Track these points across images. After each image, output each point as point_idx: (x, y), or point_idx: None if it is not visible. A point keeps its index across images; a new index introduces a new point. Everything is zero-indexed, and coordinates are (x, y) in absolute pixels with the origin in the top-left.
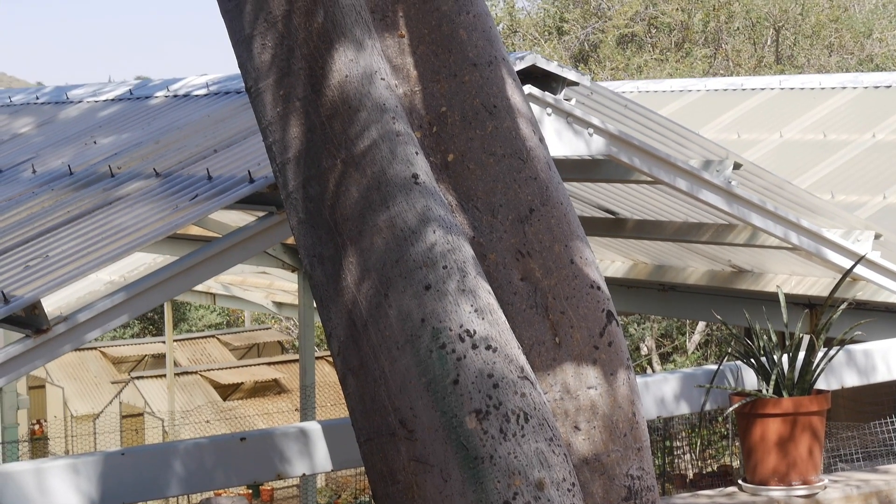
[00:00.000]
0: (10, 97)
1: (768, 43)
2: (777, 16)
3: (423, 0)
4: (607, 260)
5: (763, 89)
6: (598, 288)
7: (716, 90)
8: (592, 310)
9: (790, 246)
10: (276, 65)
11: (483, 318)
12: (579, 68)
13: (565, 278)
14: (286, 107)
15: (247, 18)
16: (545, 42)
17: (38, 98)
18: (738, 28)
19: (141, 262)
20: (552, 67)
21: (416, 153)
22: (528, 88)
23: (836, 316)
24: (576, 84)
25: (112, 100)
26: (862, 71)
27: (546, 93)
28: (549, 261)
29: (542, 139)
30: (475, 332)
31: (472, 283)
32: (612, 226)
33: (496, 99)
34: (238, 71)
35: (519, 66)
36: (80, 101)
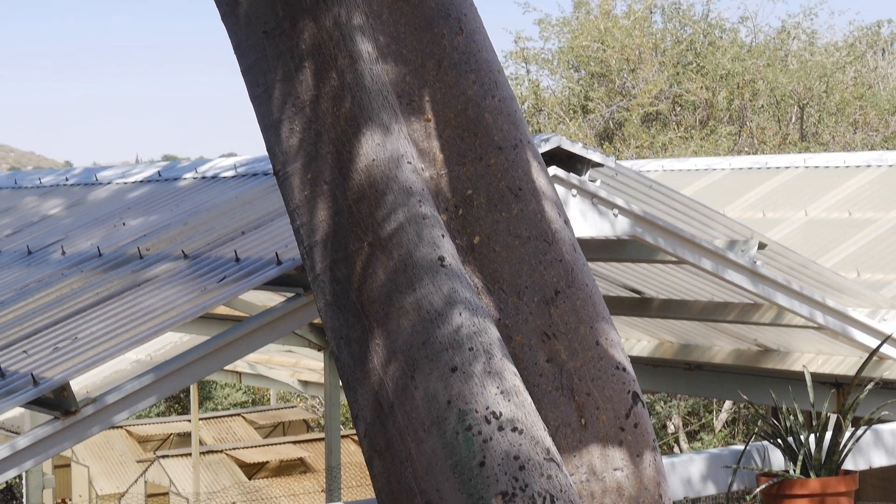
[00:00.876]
0: (40, 179)
1: (793, 120)
2: (801, 93)
3: (450, 85)
4: (633, 339)
5: (788, 168)
6: (624, 369)
7: (740, 169)
8: (618, 391)
9: (816, 325)
10: (303, 149)
11: (509, 400)
12: (604, 147)
13: (591, 360)
14: (314, 190)
15: (275, 103)
16: (570, 120)
17: (67, 179)
18: (762, 106)
19: (168, 341)
20: (577, 149)
21: (443, 236)
22: (553, 170)
23: (863, 395)
24: (601, 165)
25: (141, 181)
26: (888, 148)
27: (571, 174)
28: (574, 342)
29: (567, 221)
30: (501, 413)
31: (498, 364)
32: (637, 305)
33: (521, 182)
34: (265, 153)
35: (544, 148)
36: (109, 183)
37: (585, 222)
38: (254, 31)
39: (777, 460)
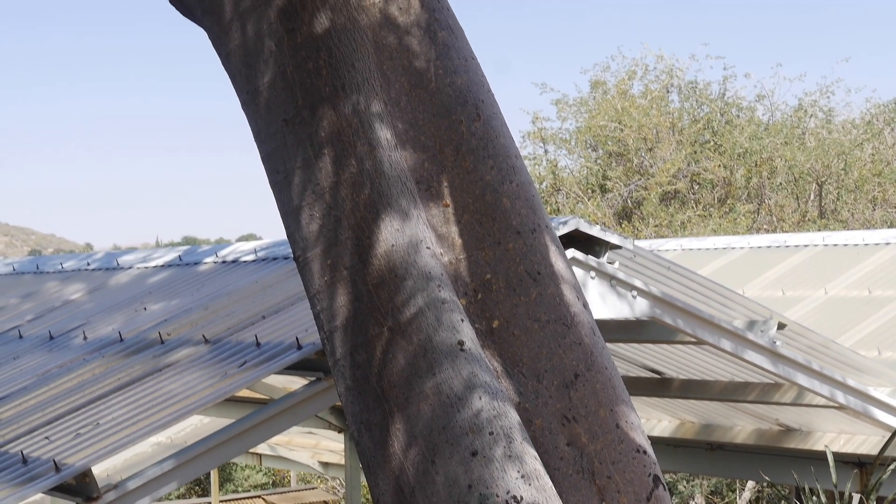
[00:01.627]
0: (61, 263)
1: (811, 198)
2: (820, 171)
3: (468, 170)
4: (654, 419)
5: (807, 246)
6: (645, 452)
7: (759, 247)
8: (639, 474)
9: (837, 405)
10: (323, 235)
11: (530, 484)
12: (623, 226)
13: (611, 443)
14: (333, 276)
15: (295, 190)
16: (588, 200)
17: (88, 264)
18: (780, 183)
19: (189, 423)
20: (595, 231)
21: (462, 320)
22: (571, 253)
23: (886, 475)
24: (619, 247)
25: (162, 266)
26: None
27: (590, 256)
28: (594, 426)
29: (585, 304)
30: (522, 497)
31: (518, 448)
32: (657, 385)
33: (540, 266)
34: (285, 236)
35: (562, 231)
36: (130, 268)
37: (604, 304)
38: (274, 118)
39: None
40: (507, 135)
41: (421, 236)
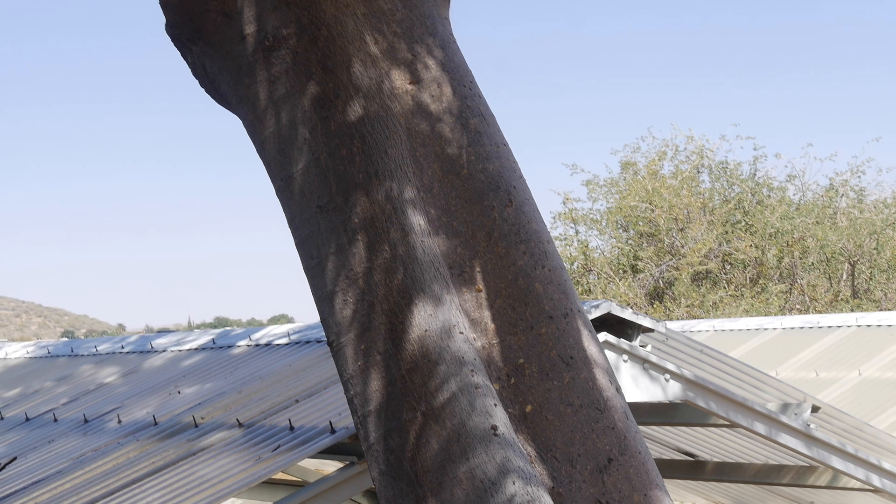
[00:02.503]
0: (95, 346)
1: (844, 277)
2: (852, 251)
3: (500, 255)
4: (688, 502)
5: (840, 327)
6: None
7: (792, 328)
8: None
9: (873, 488)
10: (357, 320)
11: None
12: (654, 306)
13: None
14: (367, 361)
15: (328, 275)
16: (620, 280)
17: (122, 347)
18: (812, 263)
19: None
20: (627, 315)
21: (495, 405)
22: (603, 336)
23: None
24: (651, 330)
25: (195, 349)
26: None
27: (622, 339)
28: None
29: (618, 388)
30: None
31: None
32: (691, 468)
33: (572, 350)
34: (318, 319)
35: (594, 315)
36: (163, 351)
37: (637, 387)
38: (307, 205)
39: None
40: (539, 220)
41: (454, 321)
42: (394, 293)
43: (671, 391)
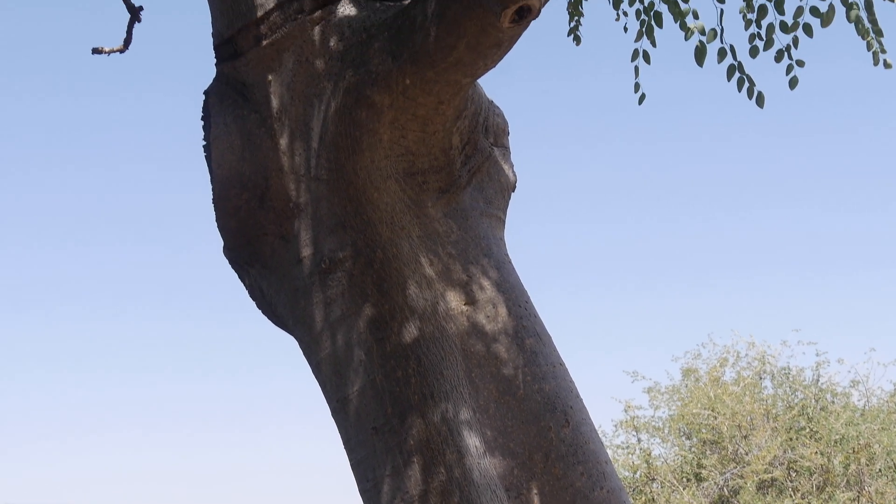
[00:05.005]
0: None
1: None
2: None
3: (557, 477)
4: None
5: None
6: None
7: None
8: None
9: None
10: None
11: None
12: None
13: None
14: None
15: (384, 498)
16: (684, 489)
17: None
18: (880, 470)
19: None
20: None
21: None
22: None
23: None
24: None
25: None
26: None
27: None
28: None
29: None
30: None
31: None
32: None
33: None
34: None
35: None
36: None
37: None
38: (363, 427)
39: None
40: (597, 440)
41: None
42: None
43: None
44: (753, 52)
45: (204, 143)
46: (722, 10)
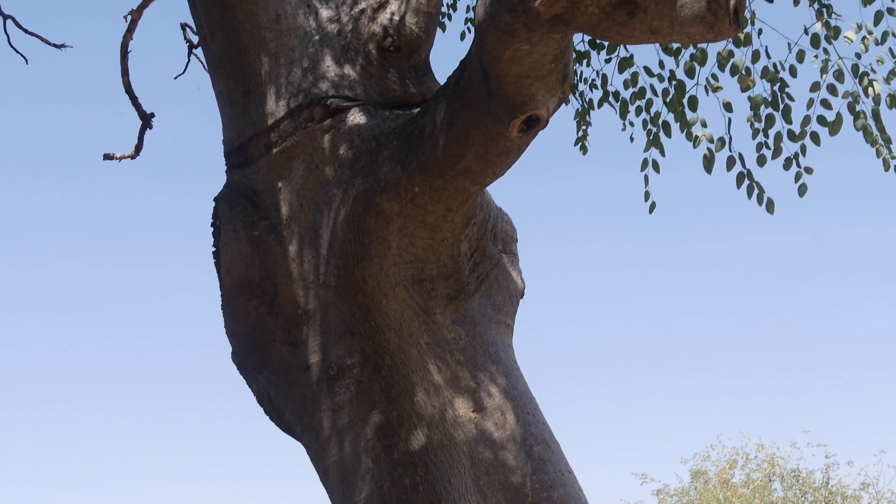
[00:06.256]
0: None
1: None
2: None
3: None
4: None
5: None
6: None
7: None
8: None
9: None
10: None
11: None
12: None
13: None
14: None
15: None
16: None
17: None
18: None
19: None
20: None
21: None
22: None
23: None
24: None
25: None
26: None
27: None
28: None
29: None
30: None
31: None
32: None
33: None
34: None
35: None
36: None
37: None
38: None
39: None
40: None
41: None
42: None
43: None
44: (761, 160)
45: (213, 249)
46: (730, 119)
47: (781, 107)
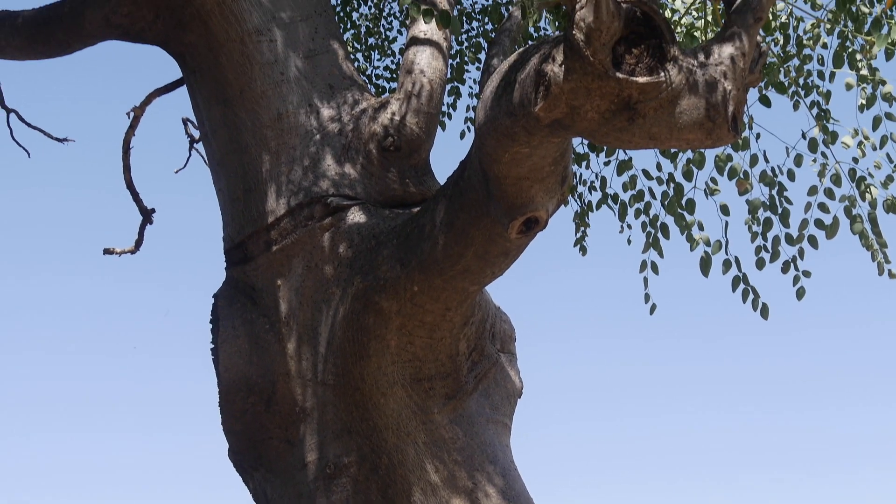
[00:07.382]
0: None
1: None
2: None
3: None
4: None
5: None
6: None
7: None
8: None
9: None
10: None
11: None
12: None
13: None
14: None
15: None
16: None
17: None
18: None
19: None
20: None
21: None
22: None
23: None
24: None
25: None
26: None
27: None
28: None
29: None
30: None
31: None
32: None
33: None
34: None
35: None
36: None
37: None
38: None
39: None
40: None
41: None
42: None
43: None
44: (760, 264)
45: (212, 346)
46: (727, 222)
47: (780, 210)
